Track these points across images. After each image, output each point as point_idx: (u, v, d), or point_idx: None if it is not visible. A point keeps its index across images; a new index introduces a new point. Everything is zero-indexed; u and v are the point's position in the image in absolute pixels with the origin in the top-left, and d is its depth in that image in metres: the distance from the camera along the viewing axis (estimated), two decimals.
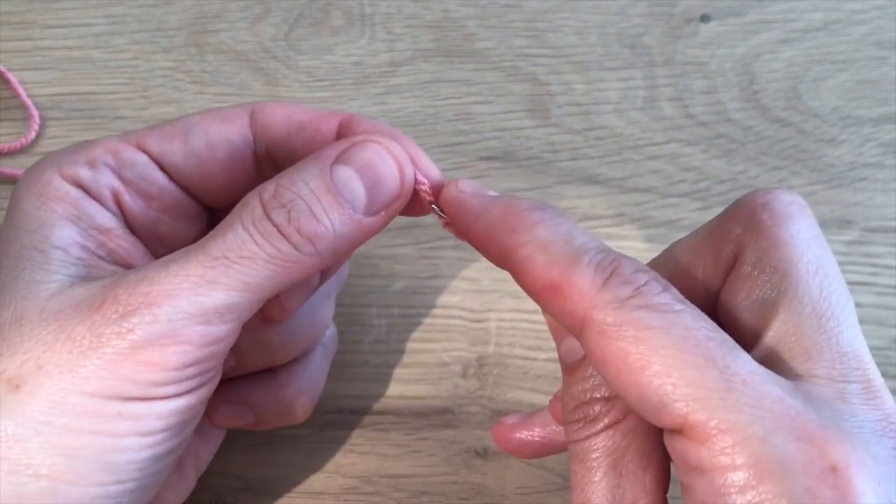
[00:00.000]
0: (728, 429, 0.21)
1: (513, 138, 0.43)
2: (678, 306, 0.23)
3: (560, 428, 0.31)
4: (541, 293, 0.24)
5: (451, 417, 0.37)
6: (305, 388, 0.33)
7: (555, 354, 0.38)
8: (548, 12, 0.45)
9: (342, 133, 0.30)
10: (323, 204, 0.26)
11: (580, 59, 0.45)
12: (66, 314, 0.25)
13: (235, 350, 0.31)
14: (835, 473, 0.21)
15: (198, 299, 0.25)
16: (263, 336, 0.31)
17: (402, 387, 0.37)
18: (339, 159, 0.27)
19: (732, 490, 0.21)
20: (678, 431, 0.22)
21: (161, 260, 0.26)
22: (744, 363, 0.22)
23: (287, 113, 0.30)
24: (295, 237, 0.26)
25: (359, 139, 0.27)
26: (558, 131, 0.43)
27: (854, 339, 0.24)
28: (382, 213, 0.27)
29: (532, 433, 0.32)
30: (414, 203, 0.28)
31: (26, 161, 0.41)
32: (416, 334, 0.38)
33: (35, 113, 0.42)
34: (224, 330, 0.26)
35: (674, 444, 0.23)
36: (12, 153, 0.41)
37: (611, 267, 0.23)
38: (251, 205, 0.26)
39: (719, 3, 0.46)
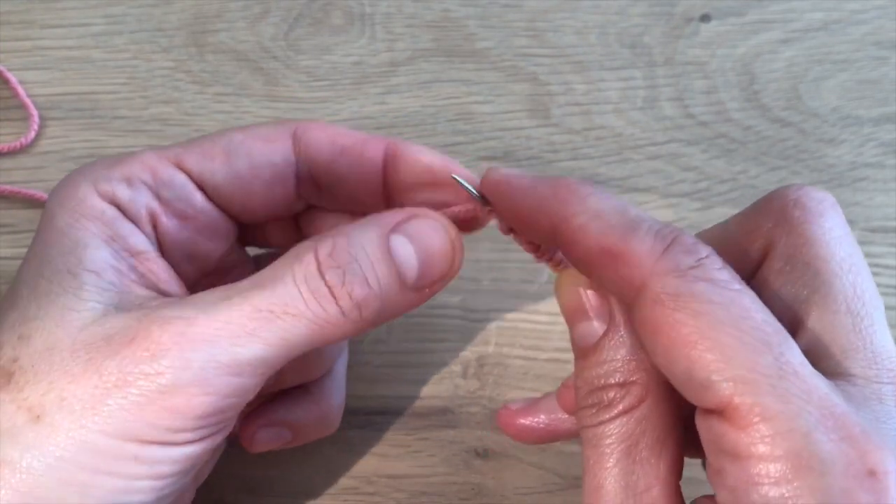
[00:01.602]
0: (772, 417, 0.21)
1: (513, 138, 0.43)
2: (737, 285, 0.22)
3: (565, 416, 0.31)
4: (596, 260, 0.24)
5: (451, 417, 0.37)
6: (336, 399, 0.34)
7: (555, 354, 0.38)
8: (548, 12, 0.45)
9: (389, 159, 0.29)
10: (377, 271, 0.26)
11: (580, 59, 0.45)
12: (97, 347, 0.25)
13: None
14: (873, 478, 0.20)
15: (234, 350, 0.24)
16: (306, 356, 0.31)
17: (403, 387, 0.37)
18: (398, 229, 0.27)
19: (767, 481, 0.21)
20: (718, 413, 0.22)
21: (198, 297, 0.26)
22: (796, 354, 0.22)
23: (331, 136, 0.29)
24: (345, 301, 0.25)
25: (419, 212, 0.27)
26: (558, 131, 0.43)
27: (886, 341, 0.24)
28: (427, 290, 0.27)
29: (537, 419, 0.31)
30: (463, 224, 0.28)
31: (26, 161, 0.41)
32: (416, 334, 0.38)
33: (34, 113, 0.42)
34: (252, 383, 0.25)
35: (710, 426, 0.22)
36: (12, 153, 0.41)
37: (671, 236, 0.23)
38: (305, 260, 0.26)
39: (719, 2, 0.46)
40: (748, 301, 0.22)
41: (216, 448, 0.33)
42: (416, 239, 0.27)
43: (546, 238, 0.26)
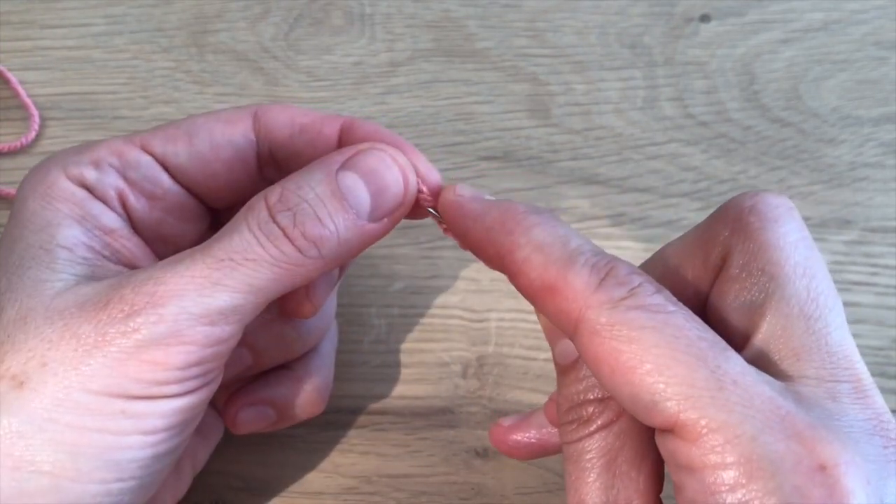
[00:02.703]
0: (718, 427, 0.21)
1: (513, 138, 0.43)
2: (671, 307, 0.23)
3: (555, 430, 0.31)
4: (537, 293, 0.24)
5: (451, 417, 0.37)
6: (321, 377, 0.34)
7: None
8: (548, 12, 0.45)
9: (344, 136, 0.30)
10: (328, 208, 0.26)
11: (580, 59, 0.45)
12: (71, 312, 0.25)
13: (252, 347, 0.32)
14: (823, 472, 0.21)
15: (203, 300, 0.25)
16: (280, 331, 0.32)
17: (402, 387, 0.37)
18: (345, 165, 0.27)
19: (723, 488, 0.21)
20: (669, 431, 0.22)
21: (166, 261, 0.26)
22: (734, 363, 0.22)
23: (290, 115, 0.30)
24: (300, 240, 0.26)
25: (364, 147, 0.28)
26: (558, 131, 0.43)
27: (843, 340, 0.24)
28: (386, 220, 0.28)
29: (528, 435, 0.32)
30: (414, 208, 0.29)
31: (26, 161, 0.41)
32: (416, 334, 0.38)
33: (35, 112, 0.42)
34: (228, 331, 0.26)
35: (665, 444, 0.23)
36: (12, 153, 0.41)
37: (606, 268, 0.24)
38: (257, 208, 0.26)
39: (719, 3, 0.46)
40: (681, 320, 0.23)
41: (211, 433, 0.33)
42: (364, 171, 0.27)
43: (496, 267, 0.26)
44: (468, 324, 0.39)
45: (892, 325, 0.39)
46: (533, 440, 0.32)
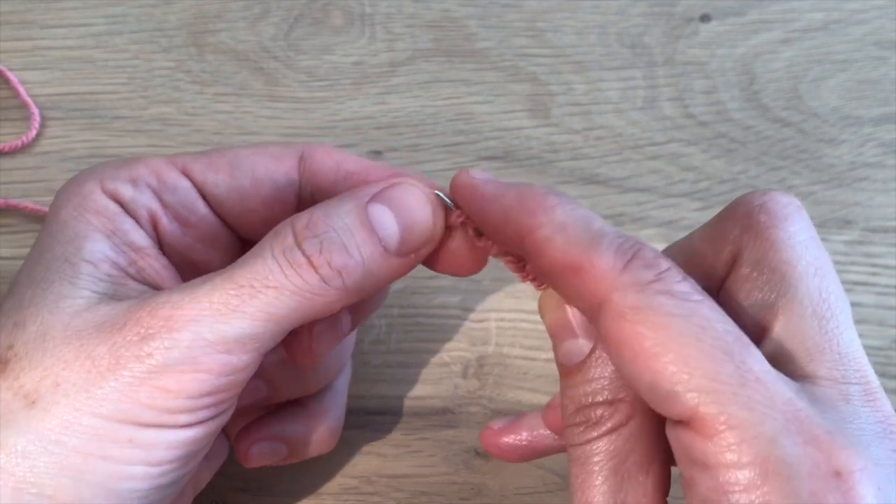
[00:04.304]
0: (737, 425, 0.21)
1: (513, 138, 0.43)
2: (697, 296, 0.23)
3: (547, 432, 0.31)
4: (559, 273, 0.24)
5: (451, 417, 0.37)
6: (334, 416, 0.33)
7: None
8: (548, 12, 0.45)
9: None
10: (356, 238, 0.26)
11: (580, 59, 0.44)
12: (88, 333, 0.25)
13: (270, 380, 0.31)
14: (839, 478, 0.21)
15: (219, 327, 0.25)
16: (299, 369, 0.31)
17: (402, 387, 0.37)
18: (377, 197, 0.27)
19: (736, 488, 0.21)
20: (684, 423, 0.22)
21: (186, 284, 0.26)
22: (758, 360, 0.22)
23: (337, 161, 0.30)
24: (324, 269, 0.26)
25: (398, 180, 0.27)
26: (558, 131, 0.43)
27: (853, 341, 0.24)
28: (412, 255, 0.27)
29: (519, 437, 0.31)
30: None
31: (27, 161, 0.41)
32: (416, 334, 0.38)
33: (35, 111, 0.42)
34: (244, 360, 0.25)
35: (678, 437, 0.22)
36: (13, 152, 0.41)
37: (632, 250, 0.23)
38: (283, 234, 0.26)
39: (719, 2, 0.46)
40: (708, 311, 0.22)
41: (214, 455, 0.33)
42: (395, 205, 0.27)
43: (513, 248, 0.26)
44: (468, 324, 0.39)
45: (892, 325, 0.39)
46: (524, 443, 0.31)
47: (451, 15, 0.45)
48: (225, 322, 0.25)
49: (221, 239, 0.30)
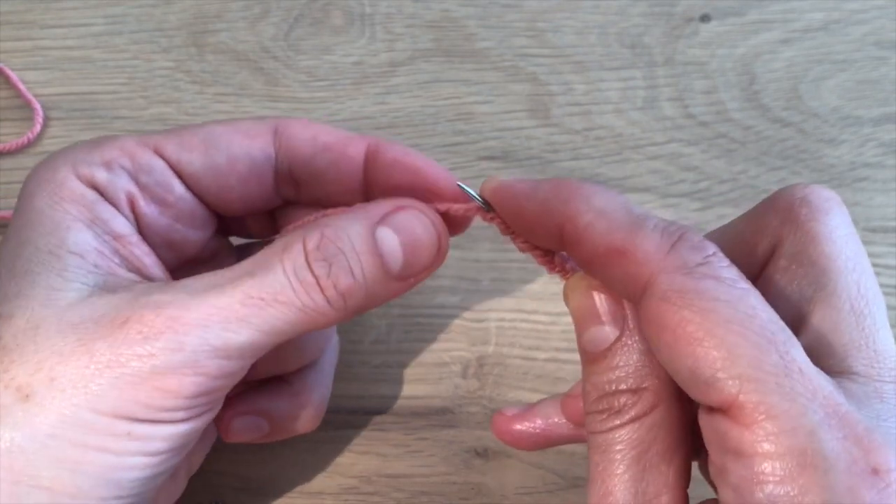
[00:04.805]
0: (777, 415, 0.21)
1: (513, 138, 0.43)
2: (743, 284, 0.22)
3: (561, 420, 0.31)
4: (603, 258, 0.24)
5: (451, 417, 0.37)
6: (317, 394, 0.33)
7: (555, 354, 0.38)
8: (548, 12, 0.45)
9: (370, 158, 0.29)
10: (363, 263, 0.26)
11: (580, 59, 0.44)
12: (86, 327, 0.25)
13: None
14: (876, 476, 0.20)
15: (226, 335, 0.25)
16: (280, 345, 0.31)
17: (402, 387, 0.37)
18: (384, 221, 0.27)
19: (771, 478, 0.21)
20: (721, 411, 0.22)
21: (188, 283, 0.26)
22: (800, 352, 0.22)
23: (312, 133, 0.30)
24: (330, 291, 0.26)
25: (405, 203, 0.28)
26: (558, 131, 0.43)
27: (888, 340, 0.24)
28: (412, 279, 0.28)
29: (533, 424, 0.31)
30: (455, 223, 0.29)
31: (27, 161, 0.41)
32: (416, 334, 0.38)
33: (38, 107, 0.42)
34: (240, 365, 0.26)
35: (713, 424, 0.22)
36: (15, 152, 0.41)
37: (678, 232, 0.23)
38: (294, 250, 0.26)
39: (719, 3, 0.46)
40: (754, 300, 0.22)
41: (207, 436, 0.33)
42: (402, 231, 0.27)
43: (552, 240, 0.26)
44: (468, 324, 0.39)
45: (892, 325, 0.39)
46: (538, 430, 0.31)
47: (451, 15, 0.45)
48: (233, 331, 0.25)
49: (198, 217, 0.30)
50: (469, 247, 0.28)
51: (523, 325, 0.39)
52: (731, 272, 0.22)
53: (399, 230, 0.27)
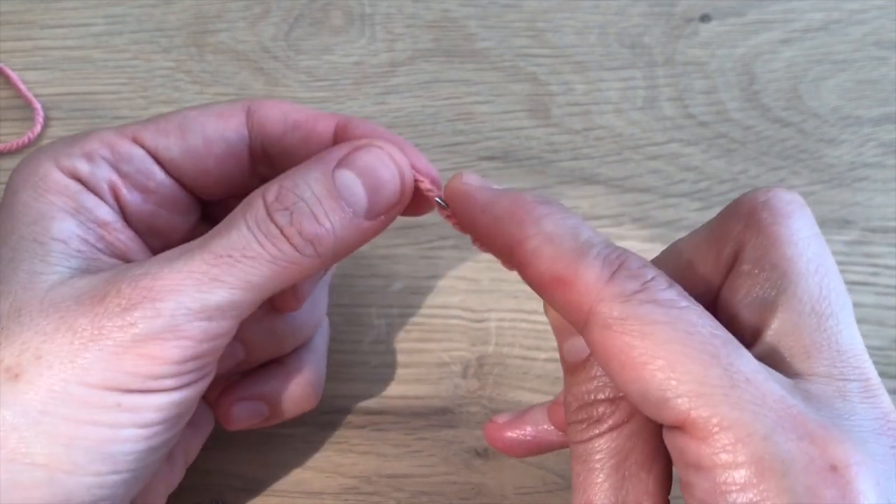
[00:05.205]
0: (730, 426, 0.21)
1: (513, 138, 0.43)
2: (683, 303, 0.23)
3: (552, 427, 0.31)
4: (547, 286, 0.24)
5: (451, 417, 0.37)
6: (313, 372, 0.34)
7: (555, 354, 0.38)
8: (548, 12, 0.45)
9: (339, 135, 0.30)
10: (325, 207, 0.26)
11: (580, 59, 0.45)
12: (67, 305, 0.25)
13: (245, 341, 0.32)
14: (835, 472, 0.21)
15: (201, 296, 0.25)
16: (272, 325, 0.32)
17: (402, 387, 0.37)
18: (342, 163, 0.27)
19: (733, 488, 0.21)
20: (679, 428, 0.22)
21: (162, 255, 0.26)
22: (746, 361, 0.22)
23: (283, 111, 0.30)
24: (297, 239, 0.26)
25: (361, 143, 0.28)
26: (558, 131, 0.43)
27: (853, 339, 0.24)
28: (382, 217, 0.28)
29: (524, 432, 0.31)
30: (415, 202, 0.29)
31: None
32: (416, 334, 0.38)
33: (38, 107, 0.42)
34: (224, 326, 0.26)
35: (674, 441, 0.23)
36: (19, 149, 0.41)
37: (618, 261, 0.23)
38: (255, 205, 0.26)
39: (719, 3, 0.46)
40: (694, 317, 0.22)
41: (198, 395, 0.32)
42: (361, 169, 0.27)
43: (504, 257, 0.26)
44: (468, 324, 0.39)
45: (892, 325, 0.39)
46: (528, 437, 0.31)
47: (451, 15, 0.45)
48: (207, 291, 0.25)
49: (181, 202, 0.31)
50: (469, 247, 0.28)
51: (523, 325, 0.39)
52: (669, 293, 0.23)
53: (357, 169, 0.27)
